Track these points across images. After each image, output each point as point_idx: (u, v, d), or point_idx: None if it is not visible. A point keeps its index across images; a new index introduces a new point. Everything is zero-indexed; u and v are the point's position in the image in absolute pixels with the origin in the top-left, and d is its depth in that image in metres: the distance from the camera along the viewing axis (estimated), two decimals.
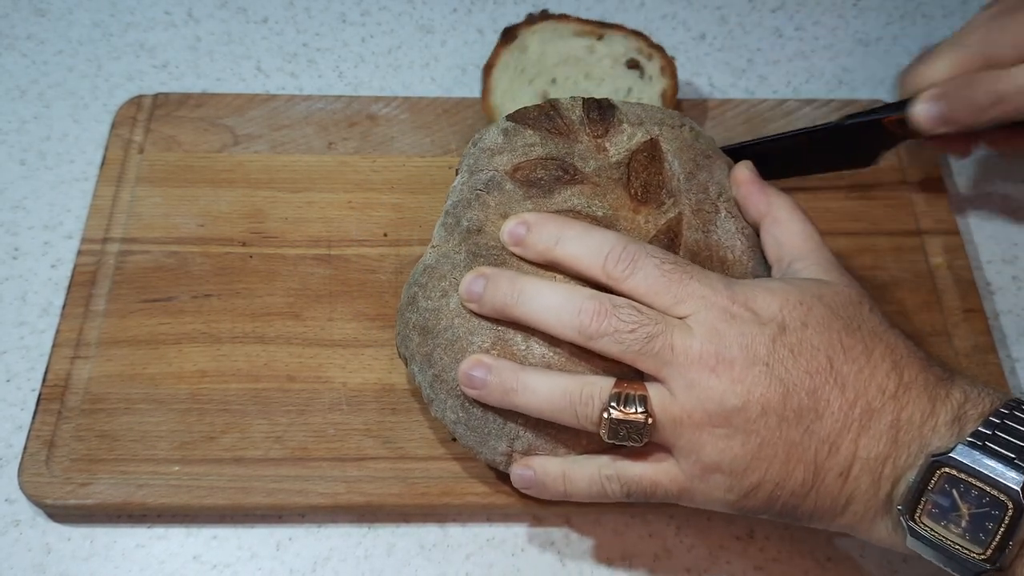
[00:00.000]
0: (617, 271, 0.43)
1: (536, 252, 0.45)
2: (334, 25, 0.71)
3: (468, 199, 0.48)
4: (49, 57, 0.68)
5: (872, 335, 0.42)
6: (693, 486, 0.43)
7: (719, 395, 0.40)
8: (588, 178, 0.48)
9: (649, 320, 0.41)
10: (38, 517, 0.50)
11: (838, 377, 0.41)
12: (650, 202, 0.48)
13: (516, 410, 0.44)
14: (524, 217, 0.46)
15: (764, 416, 0.40)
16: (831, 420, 0.40)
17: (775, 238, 0.48)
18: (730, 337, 0.41)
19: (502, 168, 0.48)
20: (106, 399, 0.51)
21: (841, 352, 0.41)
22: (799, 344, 0.41)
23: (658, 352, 0.41)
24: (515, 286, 0.44)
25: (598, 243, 0.44)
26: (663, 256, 0.43)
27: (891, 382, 0.41)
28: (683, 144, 0.50)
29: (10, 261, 0.58)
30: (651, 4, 0.73)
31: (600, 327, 0.42)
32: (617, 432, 0.41)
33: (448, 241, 0.48)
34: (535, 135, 0.49)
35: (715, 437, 0.41)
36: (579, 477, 0.44)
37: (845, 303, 0.43)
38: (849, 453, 0.40)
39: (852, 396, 0.40)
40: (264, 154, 0.61)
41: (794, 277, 0.45)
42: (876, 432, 0.40)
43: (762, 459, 0.41)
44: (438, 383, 0.46)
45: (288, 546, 0.49)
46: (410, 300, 0.48)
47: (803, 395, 0.40)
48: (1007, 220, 0.63)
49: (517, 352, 0.45)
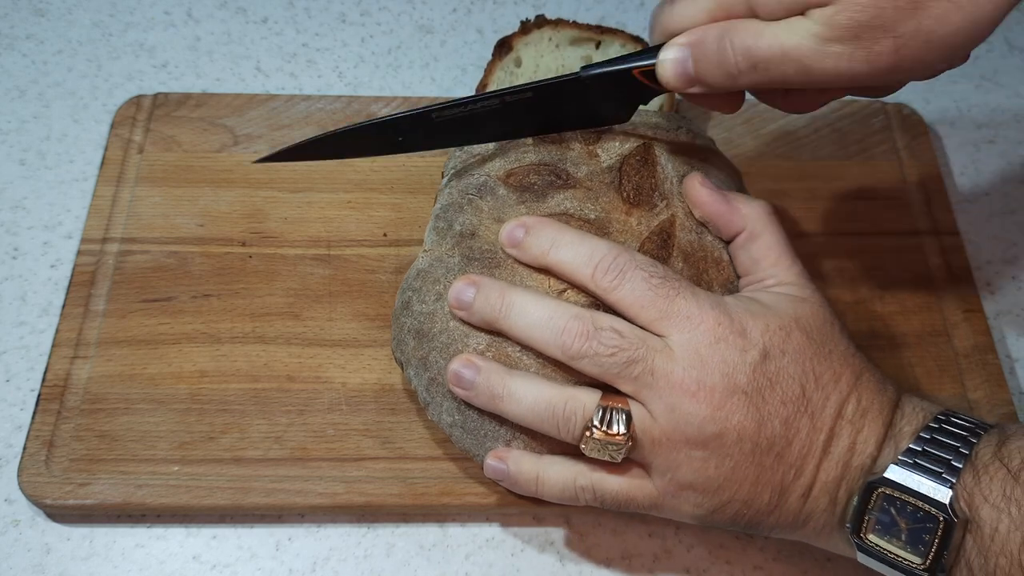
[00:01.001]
0: (605, 281, 0.43)
1: (531, 256, 0.45)
2: (334, 25, 0.71)
3: (459, 203, 0.48)
4: (49, 57, 0.68)
5: (841, 360, 0.43)
6: (665, 501, 0.44)
7: (699, 421, 0.41)
8: (581, 182, 0.48)
9: (629, 344, 0.42)
10: (37, 517, 0.50)
11: (809, 405, 0.42)
12: (642, 204, 0.48)
13: (501, 416, 0.44)
14: (523, 220, 0.46)
15: (739, 442, 0.41)
16: (799, 446, 0.42)
17: (750, 255, 0.46)
18: (712, 364, 0.41)
19: (494, 174, 0.48)
20: (106, 399, 0.51)
21: (813, 380, 0.42)
22: (777, 374, 0.42)
23: (637, 376, 0.42)
24: (504, 299, 0.44)
25: (589, 252, 0.44)
26: (653, 270, 0.43)
27: (851, 407, 0.42)
28: (678, 147, 0.50)
29: (10, 261, 0.58)
30: (651, 4, 0.73)
31: (581, 348, 0.42)
32: (597, 451, 0.42)
33: (441, 245, 0.48)
34: (527, 142, 0.49)
35: (691, 459, 0.42)
36: (553, 482, 0.45)
37: (819, 325, 0.44)
38: (811, 476, 0.42)
39: (819, 424, 0.42)
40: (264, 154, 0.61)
41: (771, 292, 0.45)
42: (835, 456, 0.42)
43: (733, 481, 0.42)
44: (434, 386, 0.46)
45: (288, 546, 0.49)
46: (404, 304, 0.48)
47: (777, 424, 0.42)
48: (1007, 220, 0.63)
49: (512, 355, 0.45)
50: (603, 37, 0.61)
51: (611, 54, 0.60)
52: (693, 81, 0.43)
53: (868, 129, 0.64)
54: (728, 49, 0.41)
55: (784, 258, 0.46)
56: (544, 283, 0.45)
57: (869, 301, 0.57)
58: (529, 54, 0.61)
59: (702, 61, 0.42)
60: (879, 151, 0.63)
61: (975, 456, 0.40)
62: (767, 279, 0.46)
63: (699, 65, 0.42)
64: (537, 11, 0.72)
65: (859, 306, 0.57)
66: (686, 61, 0.42)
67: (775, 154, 0.63)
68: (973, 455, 0.40)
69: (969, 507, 0.39)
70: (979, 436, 0.41)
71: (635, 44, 0.61)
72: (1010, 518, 0.38)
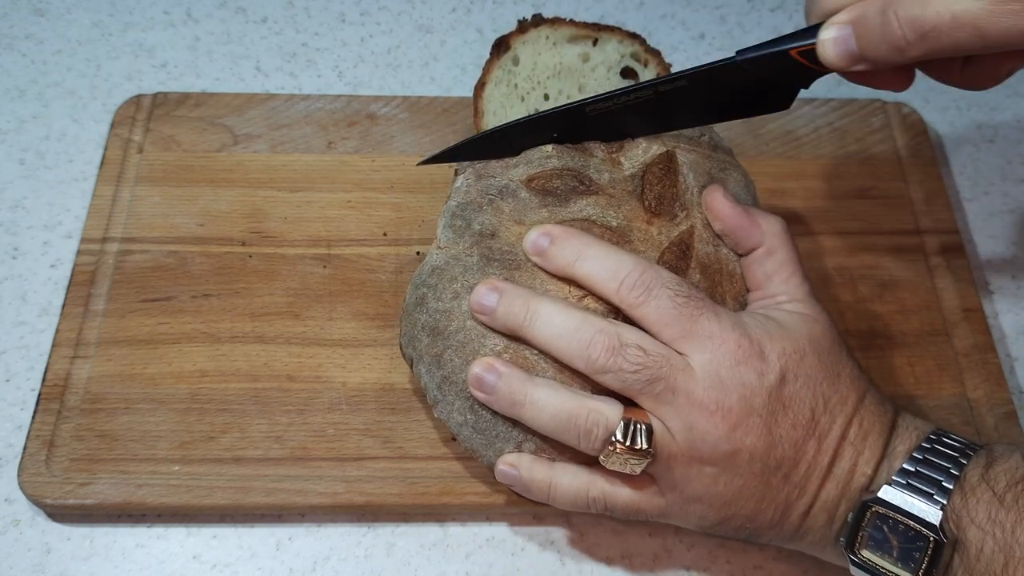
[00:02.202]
0: (631, 297, 0.43)
1: (556, 266, 0.45)
2: (333, 25, 0.71)
3: (479, 202, 0.48)
4: (48, 57, 0.68)
5: (848, 383, 0.44)
6: (672, 512, 0.45)
7: (714, 440, 0.42)
8: (603, 189, 0.48)
9: (653, 363, 0.42)
10: (38, 517, 0.50)
11: (817, 428, 0.43)
12: (663, 214, 0.47)
13: (520, 421, 0.45)
14: (549, 229, 0.46)
15: (750, 462, 0.43)
16: (804, 467, 0.43)
17: (765, 270, 0.47)
18: (731, 385, 0.42)
19: (517, 179, 0.48)
20: (106, 399, 0.51)
21: (822, 404, 0.43)
22: (791, 398, 0.43)
23: (659, 394, 0.42)
24: (529, 307, 0.44)
25: (616, 266, 0.44)
26: (678, 288, 0.44)
27: (854, 429, 0.43)
28: (700, 156, 0.50)
29: (10, 261, 0.58)
30: (650, 4, 0.73)
31: (607, 364, 0.42)
32: (619, 464, 0.43)
33: (458, 243, 0.48)
34: (550, 148, 0.49)
35: (702, 475, 0.43)
36: (565, 491, 0.45)
37: (829, 346, 0.45)
38: (813, 495, 0.43)
39: (825, 446, 0.43)
40: (263, 154, 0.61)
41: (783, 311, 0.46)
42: (837, 476, 0.43)
43: (740, 497, 0.43)
44: (447, 384, 0.46)
45: (288, 546, 0.49)
46: (419, 301, 0.48)
47: (787, 446, 0.43)
48: (1007, 220, 0.63)
49: (529, 357, 0.45)
50: (600, 35, 0.61)
51: (608, 51, 0.60)
52: (857, 59, 0.41)
53: (868, 128, 0.64)
54: (893, 21, 0.39)
55: (796, 275, 0.47)
56: (564, 289, 0.45)
57: (869, 301, 0.57)
58: (527, 52, 0.61)
59: (865, 37, 0.41)
60: (879, 151, 0.64)
61: (964, 478, 0.41)
62: (779, 295, 0.46)
63: (863, 41, 0.41)
64: (537, 10, 0.72)
65: (859, 306, 0.57)
66: (848, 39, 0.41)
67: (775, 153, 0.63)
68: (962, 477, 0.41)
69: (957, 528, 0.40)
70: (968, 457, 0.42)
71: (632, 41, 0.61)
72: (994, 540, 0.40)
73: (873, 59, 0.41)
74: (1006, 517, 0.40)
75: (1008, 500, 0.40)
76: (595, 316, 0.44)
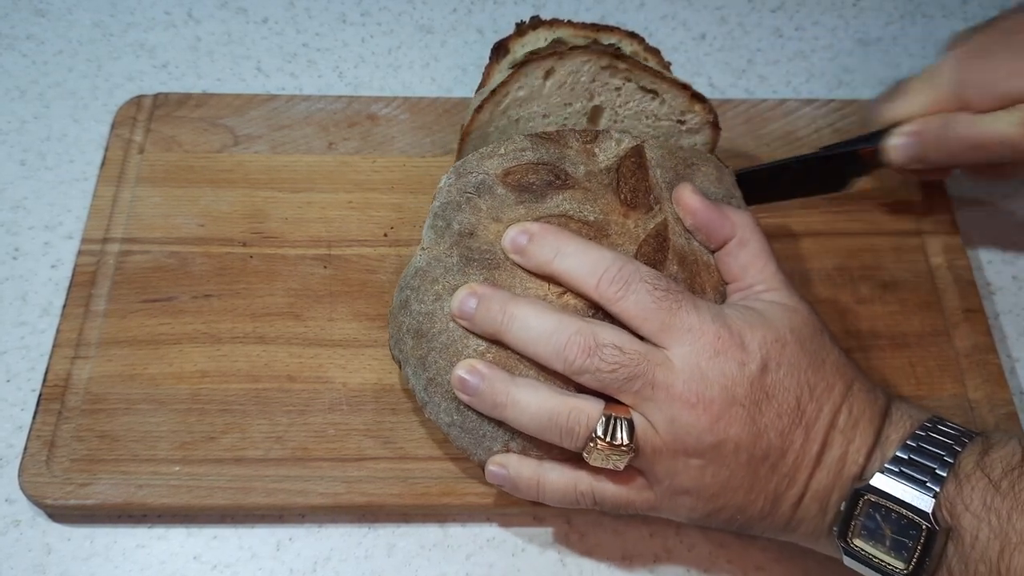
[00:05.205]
0: (610, 292, 0.44)
1: (535, 263, 0.45)
2: (334, 25, 0.71)
3: (458, 201, 0.48)
4: (49, 57, 0.68)
5: (833, 370, 0.44)
6: (662, 504, 0.45)
7: (698, 432, 0.42)
8: (579, 183, 0.48)
9: (630, 361, 0.42)
10: (38, 517, 0.50)
11: (803, 417, 0.43)
12: (639, 207, 0.48)
13: (504, 422, 0.45)
14: (527, 227, 0.46)
15: (736, 453, 0.42)
16: (793, 456, 0.43)
17: (739, 261, 0.47)
18: (712, 377, 0.42)
19: (492, 172, 0.48)
20: (106, 399, 0.51)
21: (808, 391, 0.43)
22: (773, 387, 0.43)
23: (638, 390, 0.42)
24: (505, 312, 0.44)
25: (594, 262, 0.44)
26: (656, 282, 0.44)
27: (843, 417, 0.43)
28: (667, 151, 0.50)
29: (10, 261, 0.58)
30: (651, 4, 0.73)
31: (583, 364, 0.43)
32: (601, 460, 0.43)
33: (439, 244, 0.48)
34: (525, 140, 0.49)
35: (689, 467, 0.43)
36: (553, 488, 0.45)
37: (812, 334, 0.45)
38: (803, 485, 0.43)
39: (813, 435, 0.43)
40: (264, 154, 0.61)
41: (762, 300, 0.46)
42: (827, 465, 0.43)
43: (729, 488, 0.43)
44: (433, 386, 0.46)
45: (288, 546, 0.49)
46: (402, 303, 0.48)
47: (772, 435, 0.43)
48: (1007, 220, 0.63)
49: (511, 357, 0.45)
50: (599, 35, 0.61)
51: None
52: (917, 160, 0.54)
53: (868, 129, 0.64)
54: (951, 136, 0.52)
55: (771, 264, 0.47)
56: (544, 286, 0.45)
57: (870, 301, 0.57)
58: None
59: (926, 145, 0.53)
60: None
61: (958, 465, 0.41)
62: (756, 285, 0.47)
63: (924, 148, 0.53)
64: (537, 11, 0.72)
65: (859, 306, 0.57)
66: (913, 146, 0.53)
67: (775, 154, 0.63)
68: (957, 464, 0.41)
69: (951, 515, 0.40)
70: (964, 444, 0.42)
71: (631, 40, 0.61)
72: (990, 527, 0.39)
73: (929, 162, 0.54)
74: (1002, 504, 0.39)
75: (1004, 487, 0.40)
76: (572, 317, 0.44)
